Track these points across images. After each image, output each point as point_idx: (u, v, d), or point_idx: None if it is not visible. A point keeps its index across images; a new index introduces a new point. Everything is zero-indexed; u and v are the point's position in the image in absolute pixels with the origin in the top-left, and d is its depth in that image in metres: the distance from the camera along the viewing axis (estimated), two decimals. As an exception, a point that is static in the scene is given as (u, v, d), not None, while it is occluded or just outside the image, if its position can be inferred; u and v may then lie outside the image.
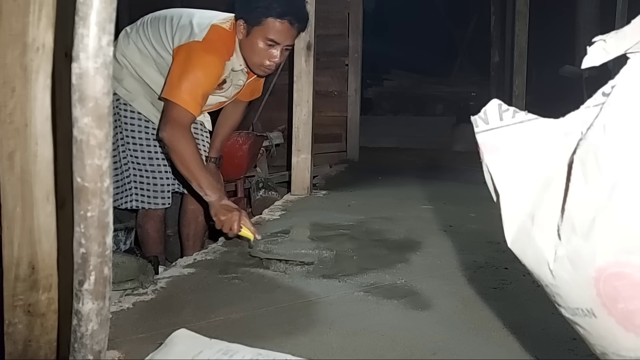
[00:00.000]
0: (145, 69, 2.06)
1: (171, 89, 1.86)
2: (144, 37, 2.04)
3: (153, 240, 2.25)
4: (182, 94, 1.83)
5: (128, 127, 2.09)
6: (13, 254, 0.90)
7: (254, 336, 1.13)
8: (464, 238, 1.94)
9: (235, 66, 2.00)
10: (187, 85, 1.83)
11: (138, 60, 2.05)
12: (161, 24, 2.02)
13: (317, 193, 2.81)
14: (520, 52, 4.21)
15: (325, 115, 4.14)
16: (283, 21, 1.87)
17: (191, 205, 2.31)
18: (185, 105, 1.82)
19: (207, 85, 1.89)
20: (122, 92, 2.06)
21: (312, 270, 1.57)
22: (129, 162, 2.10)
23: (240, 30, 1.92)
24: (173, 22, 1.99)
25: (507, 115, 0.78)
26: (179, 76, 1.86)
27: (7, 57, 0.87)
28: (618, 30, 0.70)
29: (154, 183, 2.13)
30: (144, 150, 2.11)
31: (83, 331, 0.65)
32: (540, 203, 0.75)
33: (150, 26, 2.05)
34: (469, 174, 3.03)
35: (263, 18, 1.87)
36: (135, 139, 2.09)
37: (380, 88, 7.20)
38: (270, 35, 1.88)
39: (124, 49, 2.06)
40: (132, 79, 2.07)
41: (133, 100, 2.07)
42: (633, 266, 0.65)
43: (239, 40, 1.95)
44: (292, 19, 1.88)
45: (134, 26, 2.11)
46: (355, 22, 4.21)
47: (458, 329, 1.19)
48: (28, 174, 0.90)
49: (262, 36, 1.89)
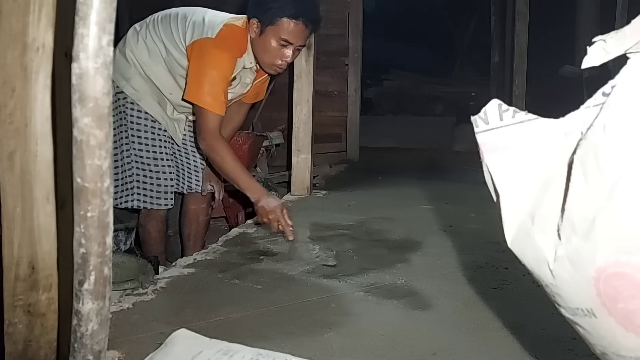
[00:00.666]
0: (152, 68, 2.06)
1: (193, 92, 1.92)
2: (154, 34, 2.04)
3: (154, 240, 2.26)
4: (205, 97, 1.89)
5: (134, 126, 2.09)
6: (13, 254, 0.90)
7: (254, 336, 1.13)
8: (464, 238, 1.94)
9: (247, 64, 2.01)
10: (207, 87, 1.88)
11: (146, 59, 2.05)
12: (172, 21, 2.03)
13: (317, 193, 2.81)
14: (520, 52, 4.21)
15: (325, 115, 4.13)
16: (297, 22, 1.89)
17: (192, 205, 2.32)
18: (211, 108, 1.89)
19: (223, 83, 1.93)
20: (129, 90, 2.05)
21: (312, 270, 1.57)
22: (133, 161, 2.10)
23: (254, 29, 1.94)
24: (186, 20, 2.00)
25: (507, 115, 0.78)
26: (198, 77, 1.91)
27: (7, 57, 0.87)
28: (618, 30, 0.70)
29: (158, 184, 2.13)
30: (149, 151, 2.11)
31: (83, 331, 0.65)
32: (540, 203, 0.75)
33: (162, 23, 2.05)
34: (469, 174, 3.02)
35: (277, 18, 1.88)
36: (141, 138, 2.09)
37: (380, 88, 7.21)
38: (284, 36, 1.90)
39: (133, 46, 2.06)
40: (140, 78, 2.07)
41: (140, 99, 2.07)
42: (633, 266, 0.65)
43: (252, 38, 1.96)
44: (306, 19, 1.90)
45: (143, 23, 2.10)
46: (355, 22, 4.20)
47: (458, 329, 1.19)
48: (28, 174, 0.89)
49: (276, 36, 1.90)
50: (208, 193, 2.31)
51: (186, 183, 2.25)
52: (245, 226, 2.09)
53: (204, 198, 2.32)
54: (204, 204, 2.34)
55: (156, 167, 2.12)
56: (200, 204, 2.32)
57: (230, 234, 1.98)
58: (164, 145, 2.14)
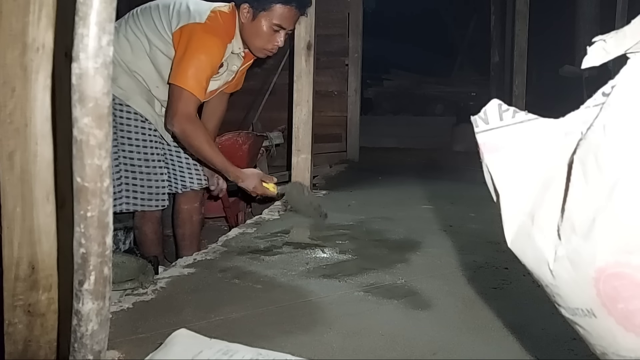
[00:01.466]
0: (137, 63, 2.04)
1: (177, 74, 1.91)
2: (135, 28, 2.03)
3: (151, 241, 2.25)
4: (189, 79, 1.89)
5: (124, 127, 2.06)
6: (13, 254, 0.90)
7: (254, 336, 1.13)
8: (464, 238, 1.94)
9: (235, 49, 2.03)
10: (193, 70, 1.89)
11: (129, 56, 2.04)
12: (154, 12, 2.02)
13: (317, 193, 2.81)
14: (520, 52, 4.21)
15: (325, 115, 4.13)
16: (290, 7, 1.94)
17: (184, 205, 2.30)
18: (192, 90, 1.89)
19: (210, 69, 1.95)
20: (117, 91, 2.03)
21: (312, 270, 1.57)
22: (121, 163, 2.07)
23: (244, 14, 1.97)
24: (169, 9, 2.01)
25: (507, 115, 0.78)
26: (184, 60, 1.90)
27: (7, 57, 0.87)
28: (618, 30, 0.70)
29: (149, 185, 2.11)
30: (140, 152, 2.09)
31: (83, 331, 0.65)
32: (540, 203, 0.75)
33: (142, 16, 2.04)
34: (469, 174, 3.03)
35: (270, 4, 1.93)
36: (131, 139, 2.08)
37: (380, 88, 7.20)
38: (277, 21, 1.94)
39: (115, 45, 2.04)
40: (126, 76, 2.05)
41: (129, 98, 2.06)
42: (633, 266, 0.65)
43: (242, 24, 1.99)
44: (298, 4, 1.96)
45: (121, 21, 2.08)
46: (355, 22, 4.20)
47: (458, 329, 1.19)
48: (28, 174, 0.89)
49: (269, 21, 1.95)
50: (200, 191, 2.31)
51: (179, 182, 2.23)
52: (245, 226, 2.09)
53: (197, 197, 2.31)
54: (196, 203, 2.32)
55: (147, 169, 2.10)
56: (192, 204, 2.31)
57: (230, 234, 1.98)
58: (155, 146, 2.12)
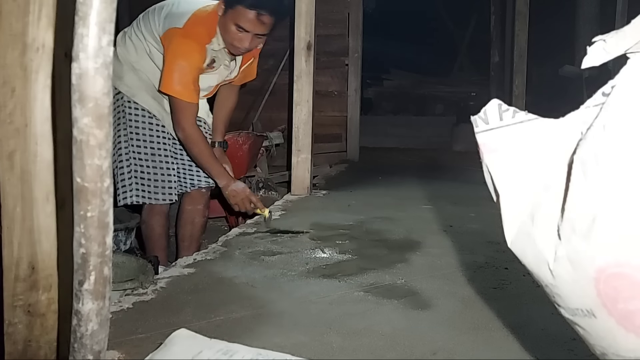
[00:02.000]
0: (142, 62, 2.11)
1: (164, 81, 1.98)
2: (137, 31, 2.11)
3: (158, 235, 2.23)
4: (175, 86, 1.95)
5: (132, 123, 2.11)
6: (13, 254, 0.90)
7: (254, 336, 1.13)
8: (464, 238, 1.94)
9: (215, 46, 2.05)
10: (176, 76, 1.95)
11: (134, 57, 2.11)
12: (151, 15, 2.09)
13: (317, 193, 2.81)
14: (520, 52, 4.21)
15: (325, 115, 4.14)
16: (252, 12, 1.93)
17: (188, 205, 2.30)
18: (181, 96, 1.96)
19: (192, 72, 1.99)
20: (124, 88, 2.10)
21: (312, 270, 1.57)
22: (131, 157, 2.12)
23: (220, 7, 2.00)
24: (162, 11, 2.07)
25: (507, 115, 0.78)
26: (167, 67, 1.97)
27: (7, 57, 0.87)
28: (618, 30, 0.70)
29: (155, 179, 2.14)
30: (147, 147, 2.13)
31: (83, 331, 0.65)
32: (540, 203, 0.75)
33: (143, 18, 2.12)
34: (469, 174, 3.03)
35: (235, 4, 1.94)
36: (139, 134, 2.12)
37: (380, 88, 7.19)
38: (239, 22, 1.95)
39: (122, 46, 2.13)
40: (133, 74, 2.12)
41: (135, 95, 2.11)
42: (633, 266, 0.65)
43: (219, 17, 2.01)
44: (263, 11, 1.93)
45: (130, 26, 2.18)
46: (355, 22, 4.21)
47: (458, 329, 1.19)
48: (28, 174, 0.89)
49: (232, 20, 1.96)
50: (206, 193, 2.31)
51: (188, 180, 2.25)
52: (245, 226, 2.09)
53: (202, 198, 2.31)
54: (200, 205, 2.31)
55: (154, 163, 2.13)
56: (196, 205, 2.30)
57: (230, 234, 1.98)
58: (163, 142, 2.16)
